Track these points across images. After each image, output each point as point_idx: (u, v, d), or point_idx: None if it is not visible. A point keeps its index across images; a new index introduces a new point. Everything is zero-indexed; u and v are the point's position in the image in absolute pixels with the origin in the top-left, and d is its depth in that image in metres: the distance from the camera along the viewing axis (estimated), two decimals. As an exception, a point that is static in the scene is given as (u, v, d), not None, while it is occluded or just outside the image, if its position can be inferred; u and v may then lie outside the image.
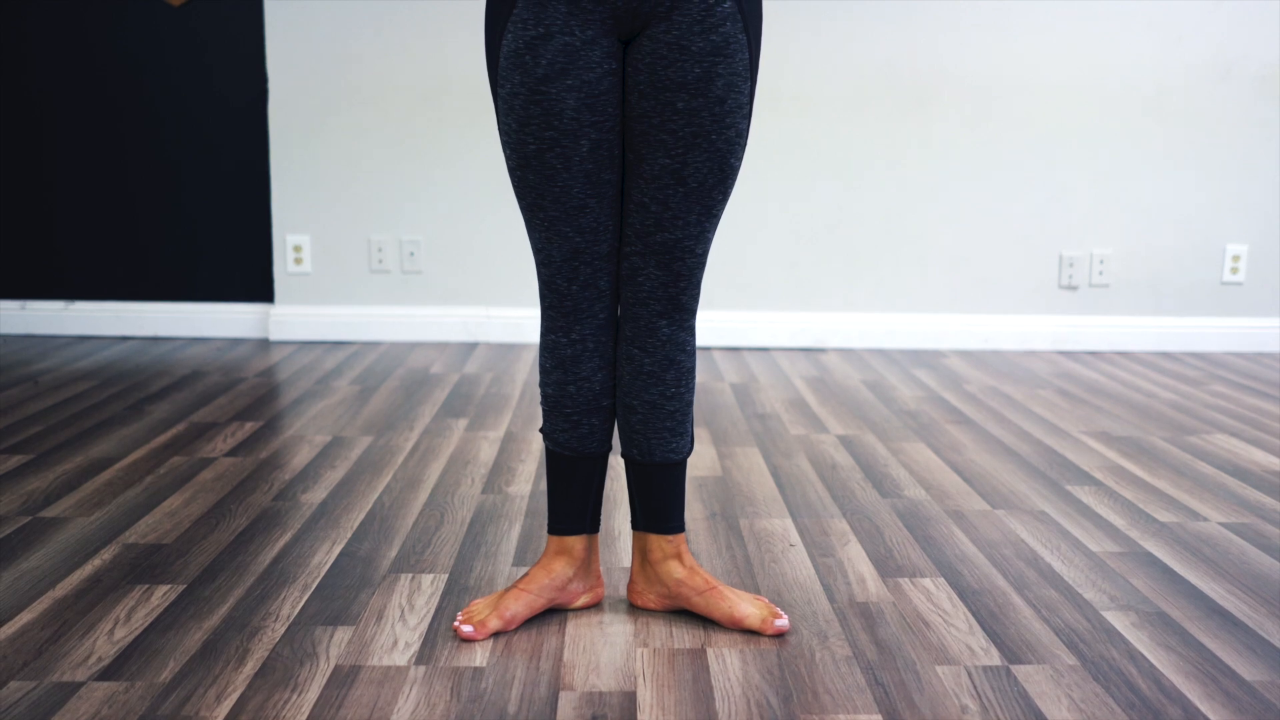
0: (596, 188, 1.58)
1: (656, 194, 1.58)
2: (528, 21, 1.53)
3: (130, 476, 2.36)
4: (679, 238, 1.60)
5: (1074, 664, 1.57)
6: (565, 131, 1.54)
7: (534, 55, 1.53)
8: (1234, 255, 3.88)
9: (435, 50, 3.76)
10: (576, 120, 1.54)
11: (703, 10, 1.53)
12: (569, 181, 1.57)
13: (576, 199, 1.58)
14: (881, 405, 3.07)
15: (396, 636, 1.63)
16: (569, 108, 1.54)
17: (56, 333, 3.96)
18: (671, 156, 1.56)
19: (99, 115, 3.85)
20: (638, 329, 1.65)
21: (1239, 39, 3.75)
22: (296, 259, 3.88)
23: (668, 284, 1.62)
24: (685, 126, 1.55)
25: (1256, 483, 2.42)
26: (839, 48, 3.77)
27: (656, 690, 1.49)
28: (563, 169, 1.56)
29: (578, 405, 1.67)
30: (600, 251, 1.61)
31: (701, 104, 1.55)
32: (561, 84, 1.53)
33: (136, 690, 1.46)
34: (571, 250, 1.60)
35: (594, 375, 1.66)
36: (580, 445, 1.68)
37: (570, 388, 1.66)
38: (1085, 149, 3.82)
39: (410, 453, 2.56)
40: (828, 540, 2.05)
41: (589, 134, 1.55)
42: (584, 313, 1.64)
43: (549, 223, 1.60)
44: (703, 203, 1.59)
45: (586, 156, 1.56)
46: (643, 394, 1.66)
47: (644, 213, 1.60)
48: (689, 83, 1.54)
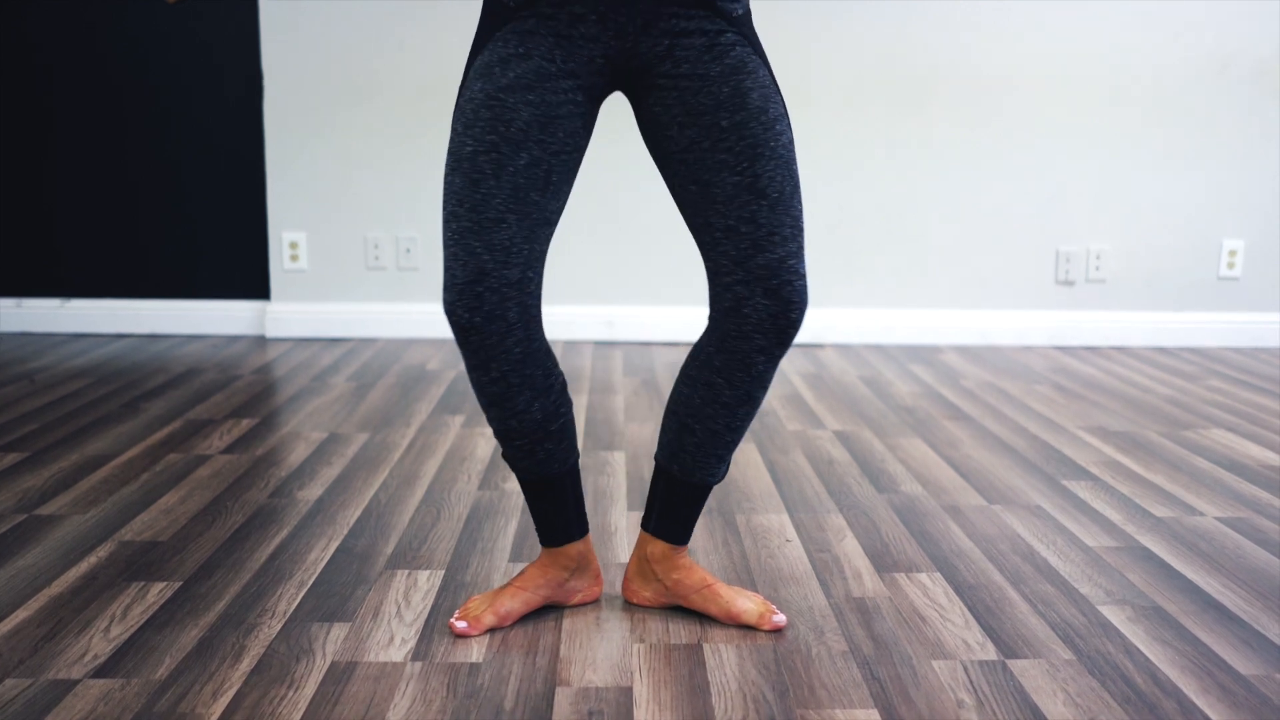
0: (520, 205, 1.49)
1: (741, 213, 1.50)
2: (510, 41, 1.50)
3: (126, 474, 2.36)
4: (781, 256, 1.51)
5: (1070, 658, 1.57)
6: (507, 139, 1.48)
7: (504, 68, 1.49)
8: (1230, 250, 3.89)
9: (431, 47, 3.75)
10: (524, 132, 1.48)
11: (706, 43, 1.51)
12: (493, 190, 1.48)
13: (495, 210, 1.48)
14: (878, 401, 3.07)
15: (393, 633, 1.63)
16: (520, 118, 1.48)
17: (52, 330, 3.95)
18: (739, 172, 1.50)
19: (95, 113, 3.84)
20: (731, 361, 1.55)
21: (1236, 34, 3.75)
22: (292, 256, 3.88)
23: (777, 316, 1.52)
24: (740, 140, 1.49)
25: (1253, 477, 2.42)
26: (837, 44, 3.76)
27: (653, 685, 1.49)
28: (491, 175, 1.48)
29: (525, 436, 1.59)
30: (508, 277, 1.48)
31: (745, 116, 1.49)
32: (522, 96, 1.48)
33: (132, 687, 1.46)
34: (477, 270, 1.47)
35: (530, 407, 1.57)
36: (541, 470, 1.63)
37: (511, 422, 1.58)
38: (1082, 145, 3.82)
39: (407, 449, 2.56)
40: (824, 535, 2.05)
41: (531, 150, 1.48)
42: (492, 350, 1.51)
43: (459, 235, 1.48)
44: (790, 215, 1.51)
45: (520, 170, 1.48)
46: (708, 422, 1.60)
47: (736, 237, 1.51)
48: (724, 101, 1.50)
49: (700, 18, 1.51)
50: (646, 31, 1.50)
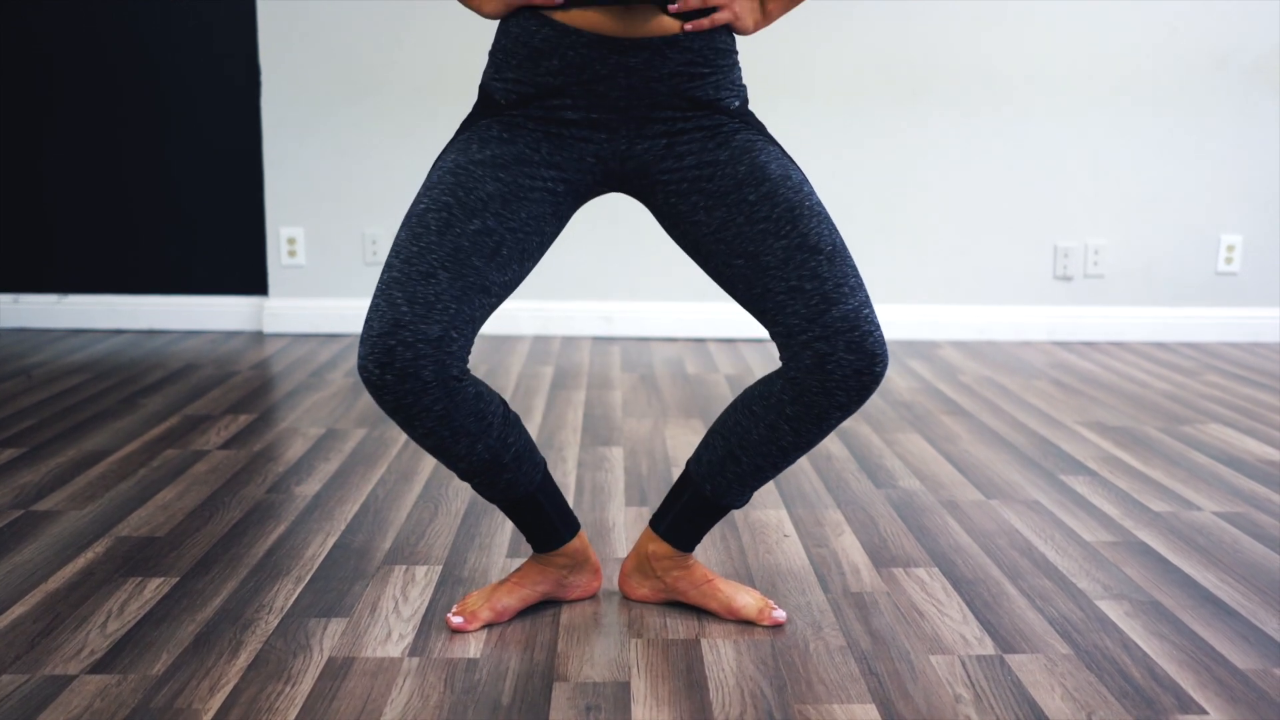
0: (456, 265, 1.42)
1: (801, 272, 1.46)
2: (493, 128, 1.49)
3: (123, 469, 2.36)
4: (855, 307, 1.46)
5: (1067, 653, 1.57)
6: (463, 204, 1.44)
7: (481, 146, 1.48)
8: (1229, 245, 3.88)
9: (428, 42, 3.75)
10: (483, 203, 1.44)
11: (706, 134, 1.50)
12: (431, 246, 1.42)
13: (427, 265, 1.41)
14: (876, 396, 3.07)
15: (390, 628, 1.63)
16: (483, 189, 1.45)
17: (50, 326, 3.95)
18: (785, 236, 1.47)
19: (92, 108, 3.83)
20: (806, 414, 1.50)
21: (1234, 29, 3.75)
22: (290, 252, 3.88)
23: (862, 371, 1.46)
24: (775, 208, 1.47)
25: (1250, 472, 2.42)
26: (834, 39, 3.76)
27: (651, 681, 1.49)
28: (435, 232, 1.43)
29: (480, 474, 1.55)
30: (426, 333, 1.39)
31: (771, 186, 1.48)
32: (491, 172, 1.46)
33: (129, 683, 1.46)
34: (392, 322, 1.39)
35: (473, 450, 1.50)
36: (508, 495, 1.60)
37: (460, 466, 1.53)
38: (1080, 139, 3.82)
39: (404, 445, 2.55)
40: (822, 531, 2.05)
41: (486, 219, 1.44)
42: (413, 409, 1.43)
43: (385, 285, 1.42)
44: (848, 264, 1.48)
45: (467, 234, 1.43)
46: (759, 459, 1.56)
47: (804, 296, 1.46)
48: (744, 178, 1.48)
49: (697, 116, 1.50)
50: (640, 134, 1.50)
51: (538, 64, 1.47)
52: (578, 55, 1.46)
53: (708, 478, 1.62)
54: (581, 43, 1.45)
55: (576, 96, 1.47)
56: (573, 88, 1.47)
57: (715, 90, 1.50)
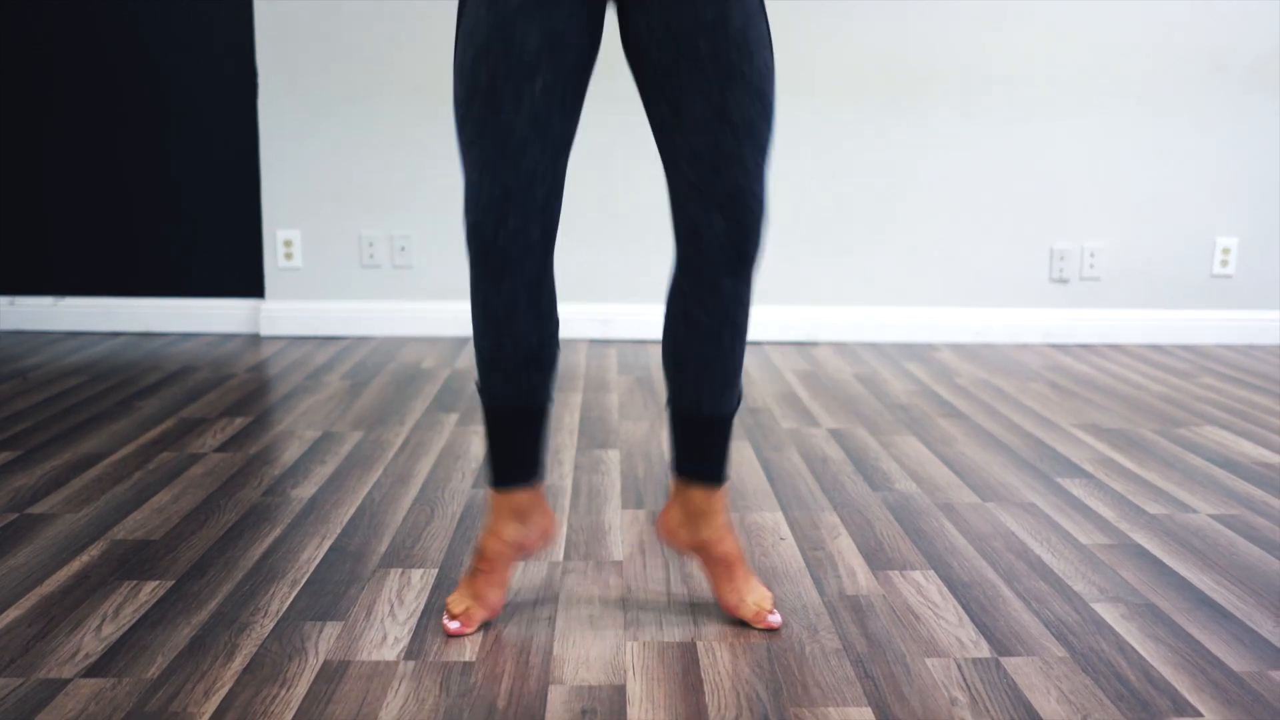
0: (541, 129, 1.50)
1: (705, 138, 1.51)
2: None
3: (119, 472, 2.35)
4: (740, 183, 1.52)
5: (1063, 655, 1.57)
6: (522, 65, 1.48)
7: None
8: (1224, 248, 3.89)
9: (426, 44, 3.75)
10: (536, 58, 1.48)
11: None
12: (514, 118, 1.49)
13: (519, 136, 1.49)
14: (873, 399, 3.07)
15: (386, 632, 1.63)
16: (531, 44, 1.48)
17: (46, 328, 3.94)
18: (708, 96, 1.50)
19: (88, 110, 3.83)
20: (698, 285, 1.57)
21: (1230, 31, 3.75)
22: (287, 254, 3.87)
23: (733, 236, 1.53)
24: (714, 65, 1.49)
25: (1246, 474, 2.42)
26: (831, 40, 3.76)
27: (646, 683, 1.49)
28: (512, 102, 1.49)
29: (515, 361, 1.58)
30: (534, 198, 1.51)
31: (723, 40, 1.49)
32: (528, 22, 1.48)
33: (124, 686, 1.46)
34: (503, 192, 1.50)
35: (530, 333, 1.58)
36: (519, 399, 1.61)
37: (506, 345, 1.57)
38: (1076, 142, 3.82)
39: (401, 448, 2.55)
40: (818, 533, 2.05)
41: (545, 75, 1.49)
42: (512, 266, 1.53)
43: (485, 161, 1.50)
44: (754, 141, 1.52)
45: (538, 96, 1.49)
46: (696, 353, 1.60)
47: (697, 163, 1.52)
48: (706, 23, 1.49)
49: None
50: None
51: None
52: None
53: (677, 398, 1.65)
54: None
55: None
56: None
57: None
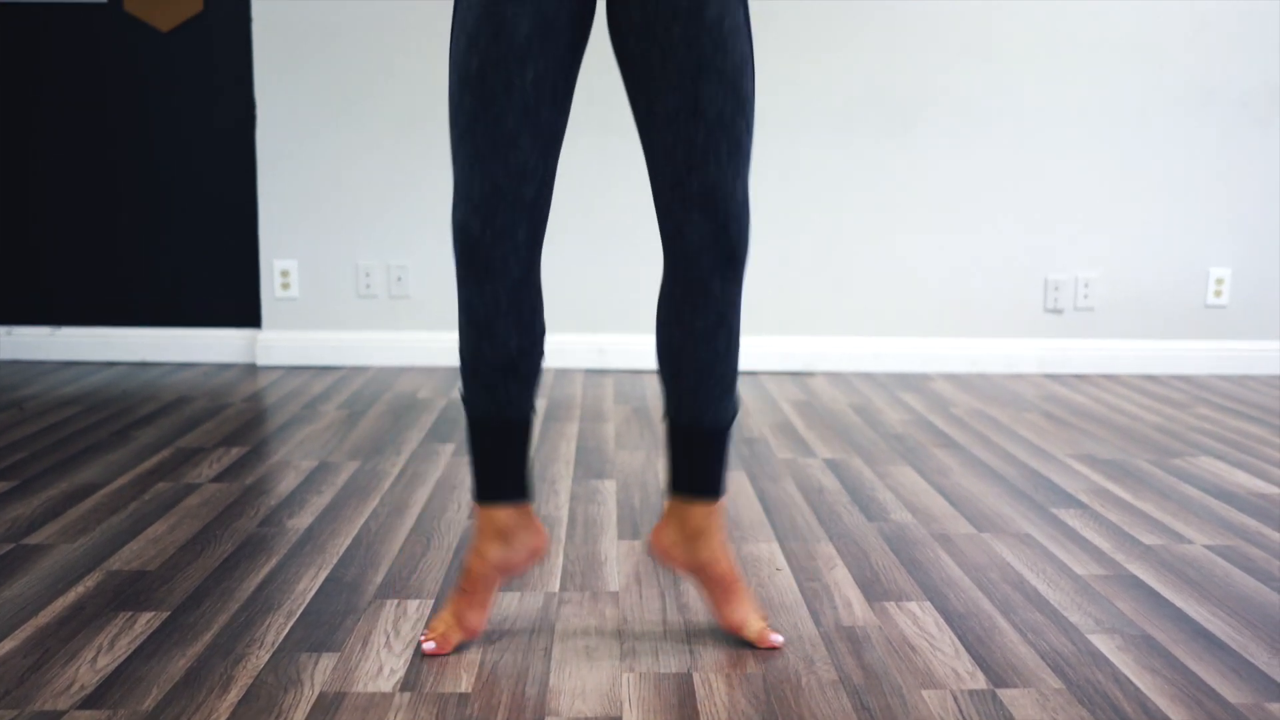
0: (532, 122, 1.49)
1: (679, 134, 1.50)
2: None
3: (115, 503, 2.35)
4: (715, 180, 1.50)
5: (1059, 687, 1.57)
6: (513, 53, 1.47)
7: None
8: (1218, 278, 3.91)
9: (423, 75, 3.77)
10: (526, 45, 1.47)
11: None
12: (504, 109, 1.48)
13: (509, 130, 1.48)
14: (868, 429, 3.08)
15: (382, 663, 1.63)
16: (521, 31, 1.47)
17: (42, 358, 3.94)
18: (681, 91, 1.48)
19: (86, 139, 3.85)
20: (689, 289, 1.55)
21: (1221, 64, 3.79)
22: (284, 284, 3.88)
23: (716, 235, 1.52)
24: (687, 55, 1.47)
25: (1241, 505, 2.43)
26: (825, 73, 3.79)
27: (642, 715, 1.48)
28: (502, 93, 1.47)
29: (493, 368, 1.57)
30: (523, 196, 1.50)
31: (698, 28, 1.47)
32: (519, 7, 1.48)
33: (119, 718, 1.45)
34: (492, 188, 1.49)
35: (509, 337, 1.56)
36: (499, 411, 1.59)
37: (485, 350, 1.56)
38: (1070, 173, 3.85)
39: (397, 478, 2.55)
40: (814, 564, 2.05)
41: (536, 63, 1.48)
42: (496, 266, 1.51)
43: (474, 155, 1.49)
44: (729, 136, 1.50)
45: (529, 85, 1.48)
46: (692, 359, 1.59)
47: (672, 159, 1.51)
48: (682, 10, 1.48)
49: None
50: None
51: None
52: None
53: (676, 410, 1.64)
54: None
55: None
56: None
57: None
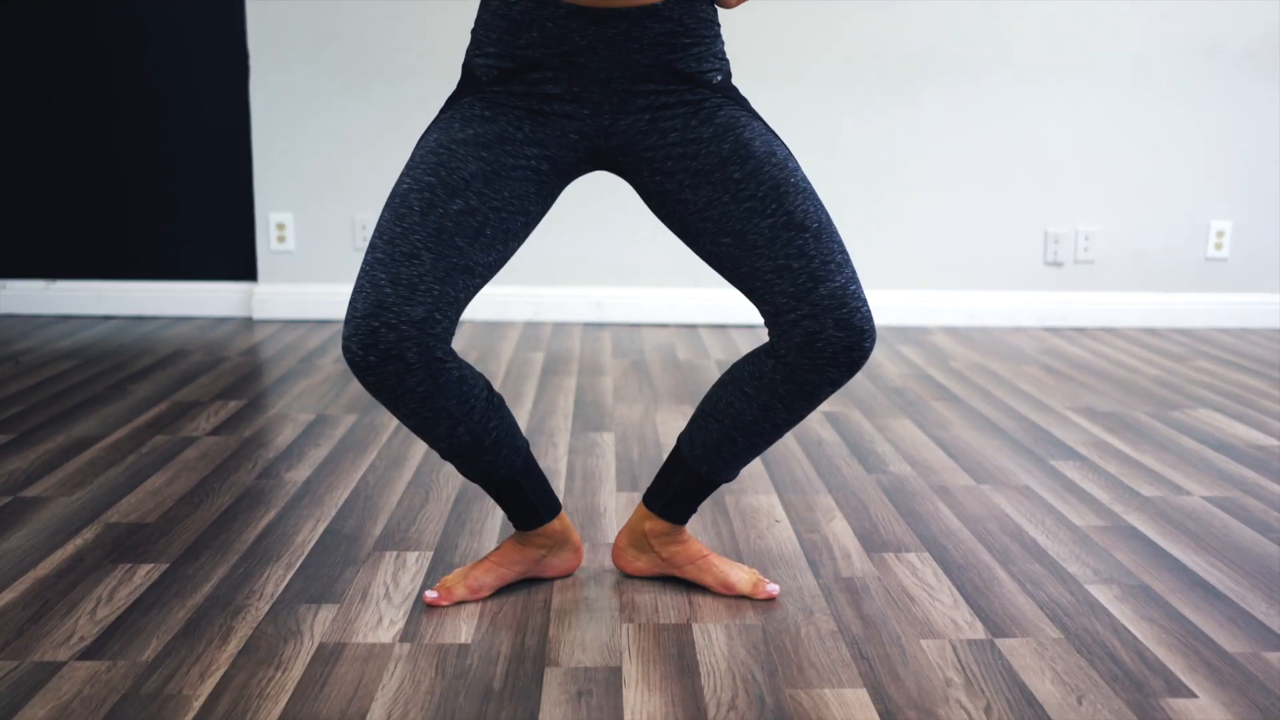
0: (439, 245, 1.42)
1: (788, 250, 1.46)
2: (476, 106, 1.48)
3: (112, 456, 2.35)
4: (842, 284, 1.46)
5: (1058, 637, 1.58)
6: (446, 184, 1.43)
7: (464, 125, 1.47)
8: (1218, 231, 3.89)
9: (417, 27, 3.73)
10: (465, 182, 1.44)
11: (690, 111, 1.49)
12: (414, 226, 1.42)
13: (410, 246, 1.41)
14: (867, 382, 3.07)
15: (381, 614, 1.63)
16: (466, 169, 1.44)
17: (38, 312, 3.93)
18: (771, 214, 1.47)
19: (79, 93, 3.81)
20: (799, 391, 1.51)
21: (1224, 15, 3.75)
22: (280, 237, 3.86)
23: (851, 347, 1.47)
24: (760, 185, 1.47)
25: (1239, 457, 2.43)
26: (825, 25, 3.75)
27: (642, 665, 1.49)
28: (417, 212, 1.42)
29: (460, 455, 1.56)
30: (409, 314, 1.40)
31: (756, 164, 1.47)
32: (474, 151, 1.45)
33: (119, 669, 1.46)
34: (376, 303, 1.39)
35: (454, 433, 1.51)
36: (489, 477, 1.61)
37: (441, 446, 1.54)
38: (1070, 125, 3.82)
39: (394, 431, 2.55)
40: (813, 516, 2.05)
41: (469, 199, 1.44)
42: (394, 390, 1.43)
43: (369, 267, 1.42)
44: (835, 241, 1.48)
45: (450, 214, 1.43)
46: (754, 438, 1.58)
47: (791, 274, 1.46)
48: (729, 156, 1.47)
49: (680, 90, 1.49)
50: (624, 109, 1.48)
51: (516, 37, 1.46)
52: (556, 27, 1.45)
53: (704, 459, 1.63)
54: (559, 14, 1.44)
55: (557, 70, 1.46)
56: (552, 60, 1.46)
57: (698, 62, 1.49)
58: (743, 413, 1.56)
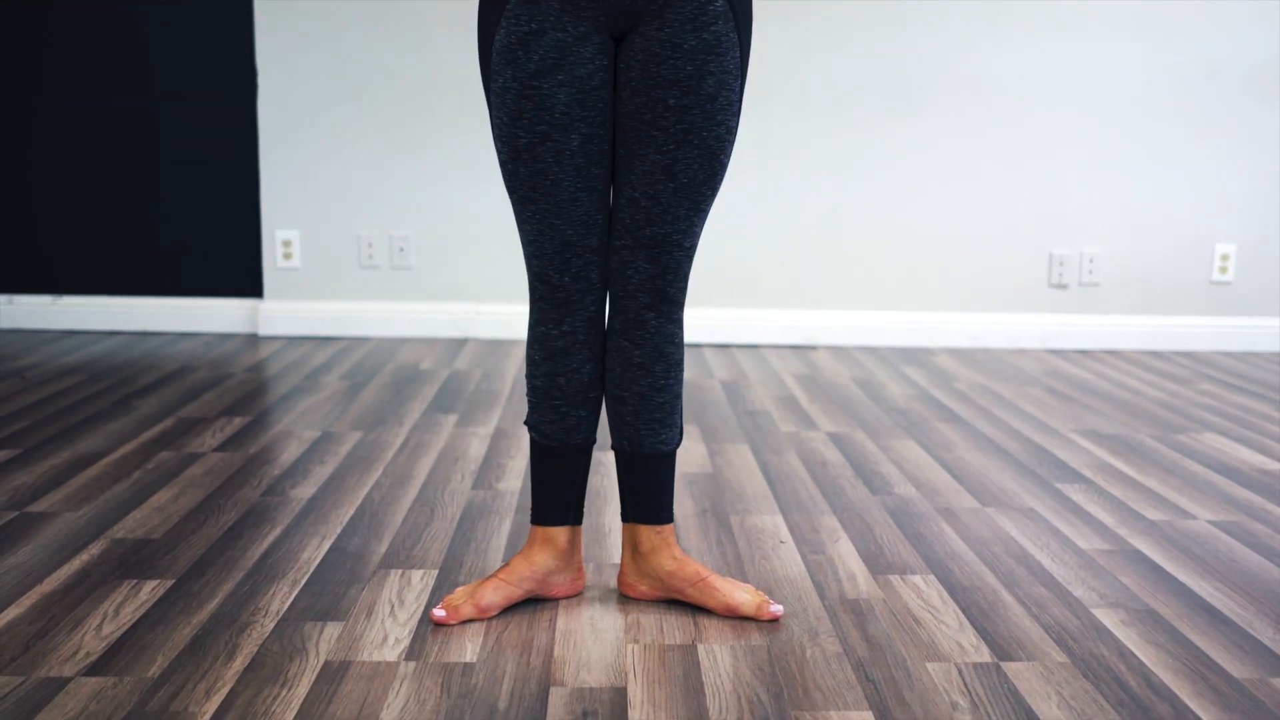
0: (586, 181, 1.60)
1: (647, 189, 1.61)
2: (520, 17, 1.56)
3: (118, 471, 2.35)
4: (668, 232, 1.62)
5: (1064, 661, 1.58)
6: (556, 125, 1.57)
7: (526, 50, 1.56)
8: (1223, 254, 3.90)
9: (425, 44, 3.75)
10: (567, 115, 1.57)
11: (695, 8, 1.56)
12: (559, 175, 1.59)
13: (567, 192, 1.60)
14: (871, 403, 3.08)
15: (386, 632, 1.63)
16: (560, 102, 1.56)
17: (44, 327, 3.94)
18: (663, 153, 1.59)
19: (87, 108, 3.83)
20: (626, 321, 1.67)
21: (1226, 38, 3.76)
22: (285, 254, 3.87)
23: (655, 277, 1.64)
24: (676, 123, 1.58)
25: (1244, 481, 2.43)
26: (831, 47, 3.77)
27: (647, 686, 1.49)
28: (554, 162, 1.58)
29: (566, 397, 1.68)
30: (591, 244, 1.63)
31: (693, 101, 1.58)
32: (553, 79, 1.56)
33: (125, 685, 1.46)
34: (563, 242, 1.62)
35: (583, 367, 1.68)
36: (567, 436, 1.70)
37: (560, 379, 1.67)
38: (1075, 148, 3.83)
39: (400, 448, 2.55)
40: (818, 537, 2.05)
41: (579, 128, 1.58)
42: (575, 304, 1.65)
43: (540, 216, 1.61)
44: (692, 198, 1.62)
45: (577, 151, 1.58)
46: (632, 385, 1.68)
47: (634, 208, 1.62)
48: (681, 80, 1.57)
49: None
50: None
51: None
52: None
53: (619, 436, 1.72)
54: None
55: None
56: None
57: None
58: (611, 369, 1.69)
